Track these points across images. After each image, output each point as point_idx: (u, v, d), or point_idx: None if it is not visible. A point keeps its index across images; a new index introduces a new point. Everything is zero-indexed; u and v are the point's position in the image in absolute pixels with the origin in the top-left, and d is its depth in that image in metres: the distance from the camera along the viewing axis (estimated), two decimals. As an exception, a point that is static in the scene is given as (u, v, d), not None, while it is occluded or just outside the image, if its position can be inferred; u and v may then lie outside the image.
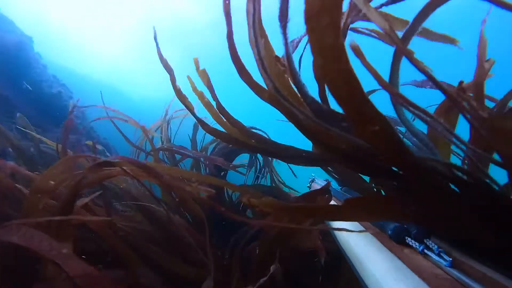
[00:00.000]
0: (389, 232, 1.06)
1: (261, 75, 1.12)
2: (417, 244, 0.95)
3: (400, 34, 1.05)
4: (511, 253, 0.80)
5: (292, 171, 3.15)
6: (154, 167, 1.30)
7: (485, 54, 1.05)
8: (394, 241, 1.04)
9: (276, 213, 1.27)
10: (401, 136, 1.18)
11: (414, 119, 1.22)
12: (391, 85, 1.02)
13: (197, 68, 1.46)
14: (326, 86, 0.94)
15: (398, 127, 1.38)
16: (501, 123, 0.65)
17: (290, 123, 1.25)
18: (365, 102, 0.65)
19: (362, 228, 1.23)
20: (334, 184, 2.02)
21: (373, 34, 1.31)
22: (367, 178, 1.79)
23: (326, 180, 2.25)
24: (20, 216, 1.10)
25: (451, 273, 0.78)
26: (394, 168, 0.96)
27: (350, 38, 0.62)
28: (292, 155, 1.32)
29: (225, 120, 1.45)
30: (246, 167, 3.04)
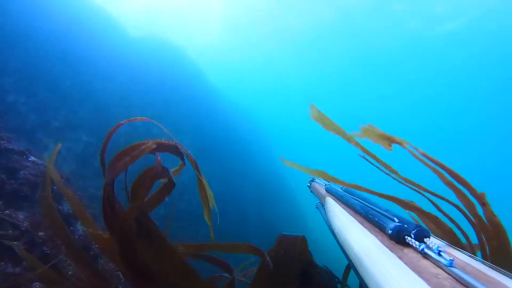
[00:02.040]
0: (389, 231, 1.06)
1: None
2: (417, 243, 0.95)
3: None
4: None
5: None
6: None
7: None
8: (394, 241, 1.04)
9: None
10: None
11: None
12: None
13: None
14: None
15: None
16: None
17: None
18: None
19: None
20: (334, 184, 2.03)
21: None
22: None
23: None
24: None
25: (451, 272, 0.78)
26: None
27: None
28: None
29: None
30: None
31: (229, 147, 15.13)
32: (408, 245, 0.99)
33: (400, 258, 0.94)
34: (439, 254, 0.85)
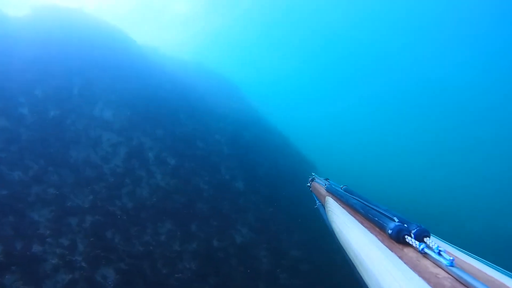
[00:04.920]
0: (389, 231, 1.09)
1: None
2: (417, 243, 0.97)
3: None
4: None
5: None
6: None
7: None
8: (394, 240, 1.07)
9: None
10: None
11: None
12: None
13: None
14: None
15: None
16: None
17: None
18: None
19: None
20: (334, 183, 2.12)
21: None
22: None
23: (326, 179, 2.28)
24: None
25: (451, 272, 0.81)
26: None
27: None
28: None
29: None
30: None
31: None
32: (408, 244, 1.03)
33: (400, 257, 0.98)
34: (439, 254, 0.88)
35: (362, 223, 1.28)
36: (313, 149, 32.02)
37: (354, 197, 1.55)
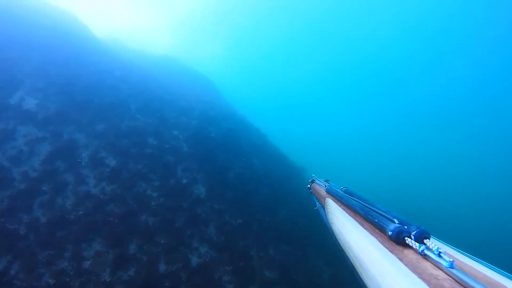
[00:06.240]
0: (389, 233, 1.11)
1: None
2: (417, 244, 1.00)
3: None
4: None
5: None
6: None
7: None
8: (395, 242, 1.10)
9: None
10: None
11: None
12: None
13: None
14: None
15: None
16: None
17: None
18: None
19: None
20: (334, 184, 2.17)
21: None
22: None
23: (326, 180, 2.32)
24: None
25: (451, 273, 0.83)
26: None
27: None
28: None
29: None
30: None
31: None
32: (408, 246, 1.05)
33: (400, 259, 1.00)
34: (439, 255, 0.91)
35: (362, 225, 1.30)
36: (298, 149, 30.56)
37: (354, 198, 1.59)
